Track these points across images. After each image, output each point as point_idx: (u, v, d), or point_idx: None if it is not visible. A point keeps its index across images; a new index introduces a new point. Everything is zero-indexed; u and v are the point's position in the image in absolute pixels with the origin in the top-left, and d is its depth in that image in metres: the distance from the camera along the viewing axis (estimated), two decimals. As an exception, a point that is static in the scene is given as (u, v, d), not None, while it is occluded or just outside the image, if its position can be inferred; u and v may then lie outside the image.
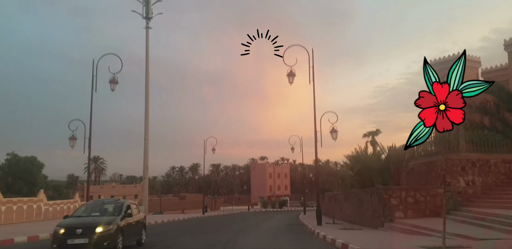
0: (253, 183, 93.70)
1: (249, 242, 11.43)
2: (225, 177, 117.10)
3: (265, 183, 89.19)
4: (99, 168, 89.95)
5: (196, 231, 15.86)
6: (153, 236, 12.38)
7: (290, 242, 11.35)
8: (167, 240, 12.00)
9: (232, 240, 11.68)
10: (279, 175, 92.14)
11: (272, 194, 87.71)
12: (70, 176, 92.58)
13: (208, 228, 17.94)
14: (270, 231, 15.77)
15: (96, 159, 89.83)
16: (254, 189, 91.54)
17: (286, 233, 14.58)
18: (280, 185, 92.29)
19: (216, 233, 14.75)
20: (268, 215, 36.16)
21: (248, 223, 22.59)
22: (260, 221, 24.83)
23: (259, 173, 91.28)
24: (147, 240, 10.74)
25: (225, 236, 13.19)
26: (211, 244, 10.71)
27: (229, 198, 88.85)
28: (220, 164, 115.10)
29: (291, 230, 15.64)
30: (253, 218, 30.62)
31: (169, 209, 62.67)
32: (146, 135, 30.48)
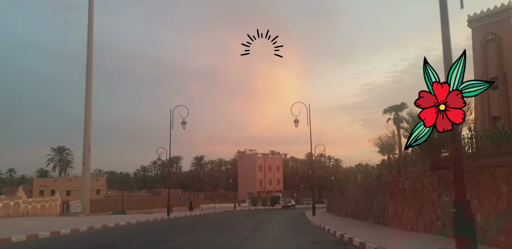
0: (241, 177, 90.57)
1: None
2: (211, 172, 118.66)
3: (254, 176, 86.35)
4: (65, 160, 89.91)
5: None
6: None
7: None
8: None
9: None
10: (270, 168, 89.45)
11: (262, 189, 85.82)
12: (40, 171, 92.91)
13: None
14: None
15: (60, 150, 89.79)
16: (242, 184, 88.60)
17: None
18: (271, 179, 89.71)
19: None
20: (261, 216, 32.20)
21: (223, 237, 14.24)
22: (247, 230, 17.57)
23: (247, 165, 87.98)
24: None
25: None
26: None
27: (213, 194, 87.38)
28: (204, 157, 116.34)
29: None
30: (236, 222, 24.52)
31: (137, 208, 60.95)
32: (88, 103, 30.83)
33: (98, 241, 13.20)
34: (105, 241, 13.30)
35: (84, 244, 12.62)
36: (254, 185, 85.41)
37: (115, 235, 15.67)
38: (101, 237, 14.89)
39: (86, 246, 12.08)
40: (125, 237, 15.01)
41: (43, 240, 13.15)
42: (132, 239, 14.06)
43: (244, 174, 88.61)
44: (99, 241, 13.35)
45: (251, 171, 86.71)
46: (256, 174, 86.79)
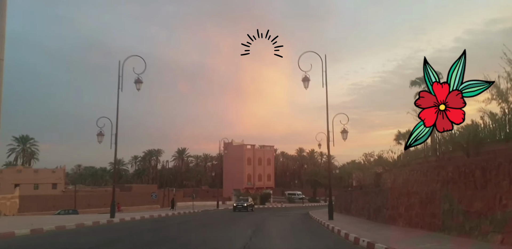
0: (227, 171, 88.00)
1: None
2: (195, 168, 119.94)
3: (242, 171, 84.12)
4: (29, 151, 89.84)
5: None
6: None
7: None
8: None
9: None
10: (260, 161, 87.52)
11: (250, 185, 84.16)
12: (8, 164, 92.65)
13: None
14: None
15: (24, 139, 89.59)
16: (228, 179, 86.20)
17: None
18: (261, 174, 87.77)
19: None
20: (251, 220, 28.29)
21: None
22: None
23: (234, 158, 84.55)
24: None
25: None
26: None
27: (195, 191, 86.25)
28: (186, 149, 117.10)
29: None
30: (199, 235, 17.81)
31: (97, 205, 57.98)
32: (1, 54, 31.53)
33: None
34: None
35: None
36: (241, 181, 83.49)
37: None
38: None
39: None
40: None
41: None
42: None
43: (231, 168, 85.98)
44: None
45: (239, 164, 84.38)
46: (244, 167, 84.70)
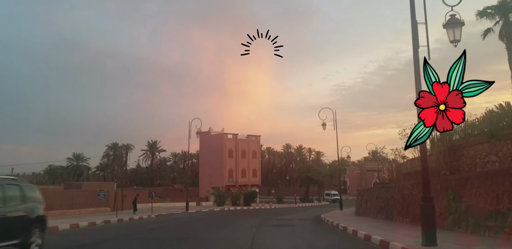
0: (203, 166, 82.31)
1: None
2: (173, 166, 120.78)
3: (222, 165, 77.92)
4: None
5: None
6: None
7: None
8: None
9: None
10: (244, 154, 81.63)
11: (232, 182, 78.51)
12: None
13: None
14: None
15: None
16: (205, 176, 79.94)
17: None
18: (245, 168, 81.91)
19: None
20: None
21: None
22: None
23: (213, 150, 78.47)
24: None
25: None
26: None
27: (166, 190, 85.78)
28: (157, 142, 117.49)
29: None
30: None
31: None
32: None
33: None
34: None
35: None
36: (221, 177, 77.36)
37: None
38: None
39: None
40: None
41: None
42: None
43: (208, 162, 79.72)
44: None
45: (218, 157, 78.02)
46: (225, 161, 78.16)
